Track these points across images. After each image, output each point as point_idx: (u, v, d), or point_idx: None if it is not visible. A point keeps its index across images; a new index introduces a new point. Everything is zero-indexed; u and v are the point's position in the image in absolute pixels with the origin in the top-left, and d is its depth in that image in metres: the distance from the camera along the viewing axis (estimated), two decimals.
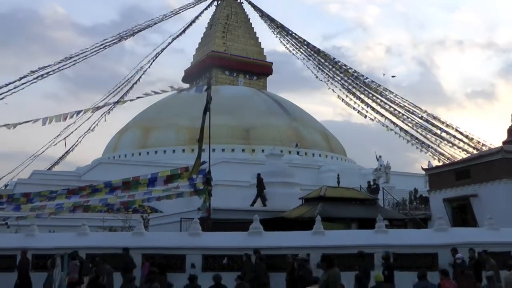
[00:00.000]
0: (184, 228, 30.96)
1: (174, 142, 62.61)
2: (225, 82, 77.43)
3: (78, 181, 48.12)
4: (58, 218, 32.91)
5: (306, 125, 70.08)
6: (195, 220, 26.16)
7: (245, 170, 47.96)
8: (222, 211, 31.54)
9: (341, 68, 69.80)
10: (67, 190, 29.34)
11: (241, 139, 63.63)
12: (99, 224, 33.80)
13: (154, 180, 28.08)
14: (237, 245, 24.31)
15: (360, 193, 36.72)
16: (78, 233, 26.45)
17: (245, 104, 68.37)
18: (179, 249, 24.44)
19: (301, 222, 29.42)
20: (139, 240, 25.23)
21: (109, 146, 71.15)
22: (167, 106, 69.41)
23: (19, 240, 27.02)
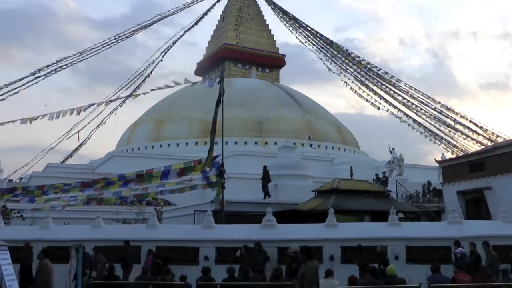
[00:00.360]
0: (197, 221, 31.04)
1: (187, 135, 62.72)
2: (237, 75, 77.39)
3: (91, 174, 48.37)
4: (72, 211, 33.11)
5: (319, 117, 69.95)
6: (209, 213, 26.22)
7: (258, 163, 47.82)
8: (235, 203, 31.60)
9: (354, 60, 69.55)
10: (81, 183, 29.52)
11: (254, 132, 63.62)
12: (113, 216, 33.95)
13: (167, 173, 28.16)
14: (251, 238, 24.35)
15: (373, 186, 36.64)
16: (92, 226, 26.63)
17: (258, 97, 68.31)
18: (193, 241, 24.53)
19: (314, 215, 29.45)
20: (153, 233, 25.36)
21: (122, 139, 71.39)
22: (180, 99, 69.48)
23: (34, 232, 27.29)
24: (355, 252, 22.78)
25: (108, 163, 55.70)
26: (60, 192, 29.54)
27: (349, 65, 69.59)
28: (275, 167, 42.93)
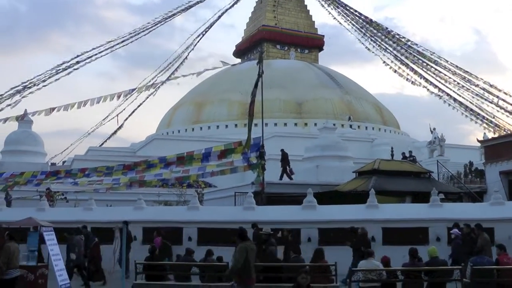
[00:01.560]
0: (238, 202, 31.23)
1: (226, 117, 62.93)
2: (276, 56, 77.16)
3: (132, 157, 48.91)
4: (114, 193, 33.58)
5: (359, 97, 69.41)
6: (249, 194, 26.39)
7: (298, 144, 47.91)
8: (275, 185, 31.73)
9: (393, 38, 68.55)
10: (123, 166, 29.88)
11: (293, 113, 63.50)
12: (155, 198, 34.35)
13: (208, 155, 28.31)
14: (291, 219, 24.46)
15: (414, 166, 36.33)
16: (134, 207, 27.11)
17: (297, 78, 68.03)
18: (234, 223, 24.68)
19: (355, 196, 29.35)
20: (194, 214, 25.67)
21: (162, 122, 71.98)
22: (219, 81, 69.63)
23: (78, 213, 27.90)
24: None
25: (149, 146, 56.29)
26: (103, 175, 30.00)
27: (388, 43, 68.63)
28: (316, 148, 42.93)
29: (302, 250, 19.04)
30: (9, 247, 15.41)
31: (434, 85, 63.14)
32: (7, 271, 14.99)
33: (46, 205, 29.21)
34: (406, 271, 15.74)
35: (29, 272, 16.38)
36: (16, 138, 48.32)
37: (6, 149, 48.31)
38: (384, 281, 15.52)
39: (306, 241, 23.76)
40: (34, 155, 47.50)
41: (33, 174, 31.93)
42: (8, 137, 48.98)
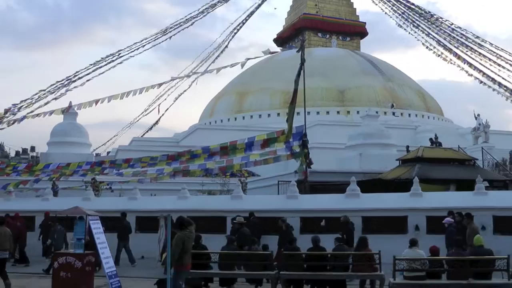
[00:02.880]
0: (281, 191, 31.29)
1: (268, 106, 62.96)
2: (318, 44, 76.80)
3: (176, 147, 49.38)
4: (158, 182, 33.95)
5: (402, 84, 68.66)
6: (293, 183, 26.39)
7: (341, 132, 47.76)
8: (318, 173, 31.64)
9: (437, 21, 67.36)
10: (167, 156, 30.20)
11: (335, 101, 63.22)
12: (198, 187, 34.63)
13: (251, 145, 28.40)
14: (335, 207, 24.39)
15: (459, 153, 35.82)
16: (178, 197, 27.39)
17: (339, 66, 67.66)
18: (277, 211, 24.79)
19: (399, 184, 29.11)
20: (238, 203, 25.81)
21: (205, 112, 72.40)
22: (261, 70, 69.65)
23: (123, 203, 28.34)
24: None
25: (192, 136, 56.69)
26: (147, 166, 30.39)
27: (431, 27, 67.50)
28: (358, 136, 42.72)
29: None
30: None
31: (478, 69, 61.98)
32: None
33: (92, 195, 29.74)
34: (451, 261, 15.57)
35: (76, 259, 16.71)
36: (61, 130, 49.18)
37: (52, 140, 49.24)
38: (429, 270, 15.39)
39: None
40: (79, 146, 48.33)
41: (78, 165, 32.55)
42: (54, 129, 49.89)
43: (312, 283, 17.45)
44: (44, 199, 30.49)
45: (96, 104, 36.90)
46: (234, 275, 18.47)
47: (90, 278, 17.23)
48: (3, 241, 17.51)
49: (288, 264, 17.38)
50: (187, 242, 14.48)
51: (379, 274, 16.53)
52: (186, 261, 14.60)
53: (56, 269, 16.83)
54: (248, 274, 18.29)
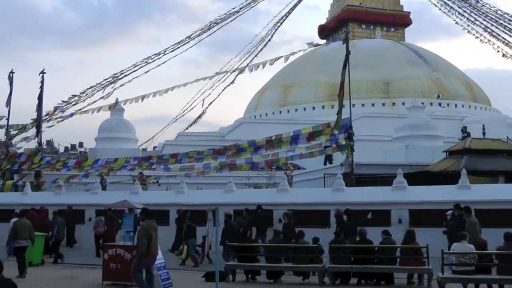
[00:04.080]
0: (327, 184, 31.22)
1: (313, 99, 62.83)
2: (362, 36, 76.28)
3: (221, 141, 49.72)
4: (205, 176, 34.22)
5: (448, 74, 67.68)
6: (338, 176, 26.30)
7: (386, 124, 47.38)
8: (364, 166, 31.47)
9: (483, 7, 66.05)
10: (213, 151, 30.51)
11: (380, 93, 62.75)
12: (244, 181, 34.79)
13: (296, 138, 28.49)
14: (381, 200, 24.26)
15: (508, 145, 35.17)
16: (224, 190, 27.55)
17: (384, 57, 67.09)
18: (324, 204, 24.77)
19: (446, 176, 28.74)
20: (284, 196, 25.85)
21: (250, 106, 72.61)
22: (305, 63, 69.52)
23: (170, 196, 28.68)
24: None
25: (237, 130, 56.94)
26: (194, 160, 30.72)
27: (478, 14, 66.19)
28: (404, 128, 42.32)
29: (392, 231, 18.88)
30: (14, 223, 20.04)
31: None
32: None
33: (139, 189, 30.14)
34: (501, 255, 15.31)
35: (126, 251, 17.04)
36: (109, 125, 49.98)
37: (100, 136, 50.08)
38: (478, 265, 15.19)
39: (397, 222, 23.46)
40: (126, 141, 49.04)
41: (126, 160, 33.20)
42: (102, 125, 50.73)
43: (359, 276, 17.44)
44: (93, 193, 31.04)
45: (142, 99, 37.53)
46: (281, 268, 18.56)
47: None
48: (22, 231, 19.50)
49: (335, 257, 17.39)
50: (151, 231, 14.88)
51: (427, 268, 16.38)
52: (152, 250, 14.94)
53: (106, 260, 17.24)
54: (295, 267, 18.35)
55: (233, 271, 18.46)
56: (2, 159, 40.62)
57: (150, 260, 14.99)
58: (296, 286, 17.45)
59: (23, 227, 19.74)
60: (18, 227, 19.74)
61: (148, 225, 15.01)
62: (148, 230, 14.84)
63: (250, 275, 18.73)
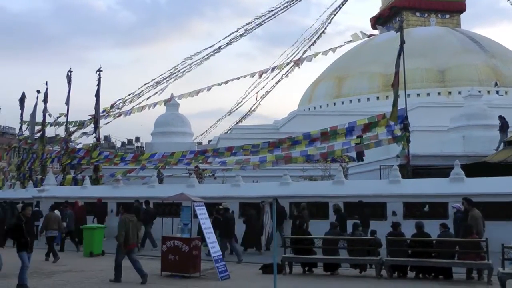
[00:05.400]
0: (383, 176, 30.97)
1: (367, 90, 62.26)
2: (416, 24, 75.04)
3: (276, 134, 49.85)
4: (260, 169, 34.38)
5: (506, 61, 65.92)
6: (395, 167, 26.08)
7: (442, 114, 46.65)
8: (421, 157, 31.08)
9: None
10: (268, 144, 30.62)
11: (436, 82, 61.66)
12: (300, 173, 34.80)
13: (351, 130, 28.37)
14: (438, 192, 23.93)
15: None
16: (280, 183, 27.68)
17: (439, 45, 65.87)
18: (380, 196, 24.61)
19: (505, 167, 28.13)
20: (340, 189, 25.81)
21: (304, 98, 72.48)
22: (358, 54, 68.95)
23: (227, 190, 28.99)
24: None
25: (292, 122, 56.96)
26: (249, 153, 30.91)
27: None
28: (461, 117, 41.59)
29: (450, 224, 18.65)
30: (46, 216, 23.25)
31: None
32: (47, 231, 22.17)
33: (195, 182, 30.52)
34: None
35: (183, 243, 17.35)
36: (164, 120, 50.75)
37: (156, 131, 50.90)
38: None
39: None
40: (182, 136, 49.72)
41: (182, 154, 33.71)
42: (157, 120, 51.55)
43: (416, 270, 17.30)
44: (150, 186, 31.64)
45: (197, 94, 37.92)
46: (338, 260, 18.57)
47: (197, 261, 17.84)
48: (52, 223, 22.47)
49: (393, 250, 17.30)
50: (129, 224, 16.46)
51: (487, 263, 16.03)
52: (129, 240, 16.44)
53: (165, 252, 17.61)
54: (352, 259, 18.33)
55: (290, 263, 18.58)
56: (62, 154, 41.77)
57: (129, 249, 16.48)
58: (353, 278, 17.44)
59: (53, 219, 22.76)
60: (48, 220, 22.69)
61: (127, 219, 16.61)
62: (125, 223, 16.44)
63: (306, 267, 18.82)
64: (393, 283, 16.28)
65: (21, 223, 15.36)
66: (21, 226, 15.29)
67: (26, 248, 15.18)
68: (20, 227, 15.30)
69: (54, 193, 33.86)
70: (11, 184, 47.10)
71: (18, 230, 15.32)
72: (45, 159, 44.54)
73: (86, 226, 24.92)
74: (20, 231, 15.23)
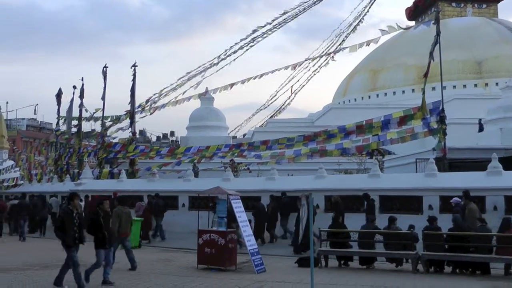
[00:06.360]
0: (419, 169, 30.69)
1: (402, 83, 61.67)
2: (452, 15, 74.01)
3: (310, 127, 49.77)
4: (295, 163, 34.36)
5: None
6: (431, 161, 25.81)
7: (479, 106, 45.98)
8: (457, 150, 30.70)
9: None
10: (303, 137, 30.59)
11: (472, 73, 60.78)
12: (335, 167, 34.71)
13: (387, 123, 28.15)
14: (475, 186, 23.56)
15: None
16: (316, 176, 27.63)
17: (475, 35, 64.89)
18: (416, 190, 24.39)
19: None
20: (376, 182, 25.64)
21: (338, 91, 72.15)
22: (393, 46, 68.32)
23: (262, 183, 29.05)
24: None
25: (327, 116, 56.82)
26: (284, 147, 30.92)
27: None
28: (498, 109, 40.91)
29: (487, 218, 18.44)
30: None
31: None
32: None
33: (231, 176, 30.64)
34: None
35: (219, 237, 17.50)
36: (199, 114, 51.04)
37: (191, 125, 51.24)
38: None
39: (492, 209, 22.60)
40: (217, 129, 49.96)
41: (218, 148, 33.86)
42: (192, 114, 51.86)
43: (453, 264, 17.17)
44: (186, 180, 31.86)
45: (231, 87, 38.06)
46: (374, 254, 18.53)
47: (233, 255, 17.97)
48: None
49: (429, 244, 17.19)
50: (122, 216, 17.36)
51: None
52: (122, 230, 17.30)
53: (201, 245, 17.79)
54: (388, 253, 18.28)
55: (325, 257, 18.61)
56: (99, 148, 42.31)
57: (122, 237, 17.36)
58: (389, 273, 17.40)
59: None
60: None
61: (120, 211, 17.54)
62: (118, 214, 17.27)
63: (342, 261, 18.83)
64: (430, 278, 16.17)
65: (98, 217, 14.75)
66: (99, 221, 14.67)
67: (104, 245, 14.59)
68: (98, 222, 14.66)
69: (90, 186, 34.39)
70: (49, 177, 47.95)
71: (95, 225, 14.62)
72: (81, 153, 45.19)
73: None
74: (98, 226, 14.59)
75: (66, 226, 13.72)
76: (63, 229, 13.77)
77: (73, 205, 14.17)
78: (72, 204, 14.20)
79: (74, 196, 14.40)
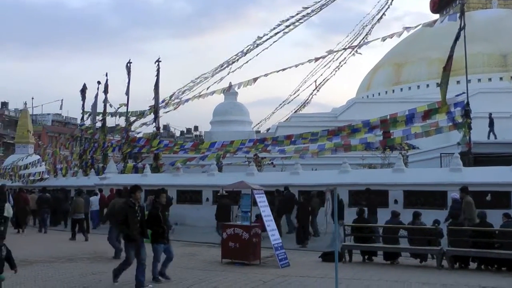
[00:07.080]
0: (444, 164, 30.49)
1: (426, 76, 61.10)
2: (477, 7, 73.16)
3: (334, 122, 49.55)
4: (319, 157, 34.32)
5: None
6: (456, 155, 25.64)
7: (505, 100, 45.55)
8: (482, 144, 30.48)
9: None
10: (327, 132, 30.53)
11: (498, 67, 60.04)
12: (359, 162, 34.58)
13: (412, 117, 27.99)
14: (501, 181, 23.38)
15: None
16: (340, 171, 27.61)
17: (501, 28, 63.99)
18: (441, 185, 24.26)
19: None
20: (400, 177, 25.56)
21: (362, 85, 71.77)
22: (417, 39, 67.71)
23: (286, 177, 29.13)
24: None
25: (350, 110, 56.53)
26: (308, 142, 30.89)
27: None
28: None
29: None
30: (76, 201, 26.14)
31: None
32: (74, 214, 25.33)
33: (255, 170, 30.70)
34: None
35: (244, 231, 17.54)
36: (223, 109, 51.15)
37: (215, 119, 51.35)
38: None
39: None
40: (241, 124, 50.02)
41: (242, 142, 33.94)
42: (216, 109, 52.00)
43: (478, 261, 17.02)
44: (210, 174, 31.99)
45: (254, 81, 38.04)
46: (398, 249, 18.46)
47: (257, 249, 18.01)
48: (79, 207, 25.58)
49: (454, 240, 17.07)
50: (117, 206, 17.72)
51: None
52: None
53: (225, 239, 17.83)
54: (412, 249, 18.20)
55: (349, 251, 18.59)
56: (123, 143, 42.63)
57: None
58: (413, 268, 17.31)
59: (79, 204, 25.78)
60: (75, 204, 25.72)
61: (116, 202, 18.94)
62: (114, 205, 18.65)
63: (366, 256, 18.79)
64: (454, 274, 16.03)
65: (157, 211, 14.15)
66: (157, 214, 14.07)
67: (163, 239, 14.09)
68: (156, 215, 14.06)
69: (115, 180, 34.65)
70: (74, 172, 48.45)
71: (154, 219, 14.02)
72: (106, 148, 45.57)
73: None
74: (157, 220, 14.02)
75: (129, 220, 13.28)
76: (126, 223, 13.34)
77: (134, 198, 13.63)
78: (133, 197, 13.65)
79: (136, 189, 13.80)
